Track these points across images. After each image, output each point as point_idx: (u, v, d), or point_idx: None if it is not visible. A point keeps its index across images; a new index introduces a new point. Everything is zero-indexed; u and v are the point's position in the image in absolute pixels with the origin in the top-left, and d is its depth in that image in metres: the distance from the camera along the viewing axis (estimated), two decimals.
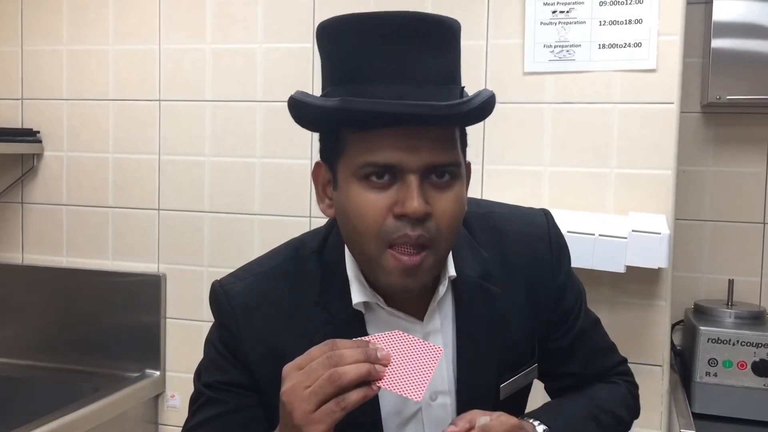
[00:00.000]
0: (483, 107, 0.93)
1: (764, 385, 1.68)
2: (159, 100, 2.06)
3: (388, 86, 0.89)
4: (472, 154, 1.81)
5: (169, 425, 2.08)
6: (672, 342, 1.79)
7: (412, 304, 1.02)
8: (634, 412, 1.19)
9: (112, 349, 2.09)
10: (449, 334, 1.04)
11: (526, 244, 1.09)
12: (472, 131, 1.05)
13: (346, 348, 0.84)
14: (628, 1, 1.72)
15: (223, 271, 2.00)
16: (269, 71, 1.97)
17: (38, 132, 2.16)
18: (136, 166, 2.09)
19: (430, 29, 0.90)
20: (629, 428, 1.17)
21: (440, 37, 0.91)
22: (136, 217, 2.09)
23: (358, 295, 1.00)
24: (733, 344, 1.71)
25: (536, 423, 1.04)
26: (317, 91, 0.94)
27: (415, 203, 0.88)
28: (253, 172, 2.00)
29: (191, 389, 1.10)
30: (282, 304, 1.03)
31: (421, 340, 0.89)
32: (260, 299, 1.03)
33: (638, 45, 1.71)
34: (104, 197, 2.12)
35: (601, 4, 1.73)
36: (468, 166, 1.01)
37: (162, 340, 2.06)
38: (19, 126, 2.17)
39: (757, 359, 1.69)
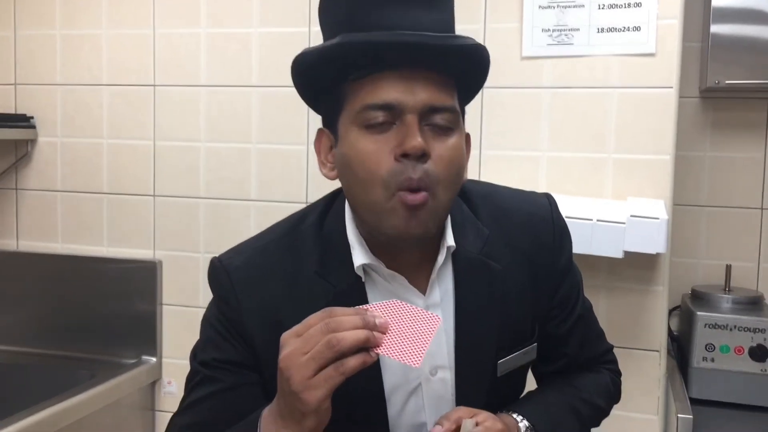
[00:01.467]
0: (473, 49, 0.96)
1: (761, 370, 1.68)
2: (153, 85, 2.05)
3: (386, 31, 0.92)
4: None
5: (165, 411, 2.08)
6: (669, 327, 1.79)
7: (413, 274, 1.02)
8: (614, 399, 1.22)
9: (108, 335, 2.08)
10: (449, 308, 1.04)
11: (528, 224, 1.10)
12: (470, 116, 1.05)
13: (344, 315, 0.84)
14: None
15: None
16: (264, 56, 1.96)
17: (32, 117, 2.14)
18: (130, 151, 2.07)
19: None
20: (607, 415, 1.20)
21: None
22: (131, 203, 2.08)
23: (360, 258, 1.00)
24: (731, 329, 1.71)
25: (519, 419, 1.05)
26: None
27: (414, 141, 0.90)
28: (248, 157, 1.99)
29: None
30: (281, 276, 1.03)
31: (419, 309, 0.89)
32: (259, 272, 1.03)
33: (637, 29, 1.70)
34: (99, 183, 2.10)
35: None
36: (467, 137, 1.03)
37: (158, 326, 2.06)
38: (13, 111, 2.15)
39: (755, 344, 1.69)
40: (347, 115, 0.95)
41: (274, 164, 1.97)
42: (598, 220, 1.60)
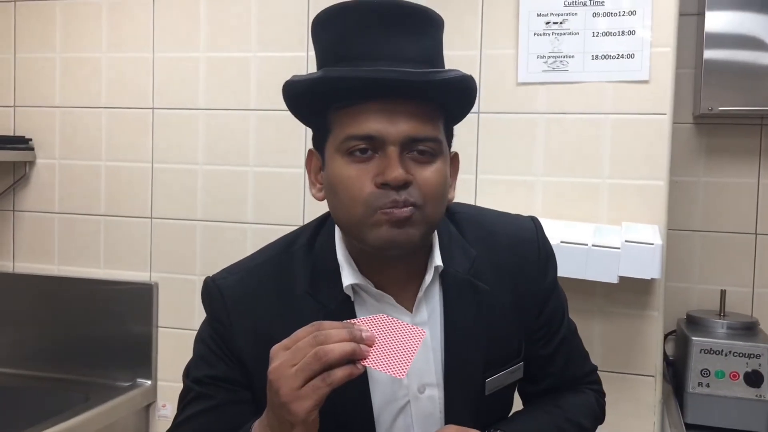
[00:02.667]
0: (457, 81, 0.97)
1: (756, 395, 1.68)
2: (152, 108, 2.06)
3: (368, 63, 0.94)
4: (465, 164, 1.81)
5: None
6: (664, 352, 1.79)
7: (401, 293, 1.04)
8: (599, 419, 1.22)
9: (103, 358, 2.07)
10: (437, 327, 1.06)
11: (514, 245, 1.12)
12: (466, 143, 1.06)
13: (332, 328, 0.86)
14: (621, 13, 1.72)
15: None
16: (262, 80, 1.97)
17: (30, 140, 2.15)
18: (128, 174, 2.08)
19: (408, 15, 0.97)
20: None
21: (418, 22, 0.98)
22: (128, 226, 2.09)
23: (348, 278, 1.02)
24: (726, 355, 1.71)
25: None
26: None
27: (395, 172, 0.93)
28: (246, 180, 1.99)
29: None
30: (273, 295, 1.05)
31: (404, 323, 0.91)
32: (251, 292, 1.06)
33: (631, 56, 1.72)
34: (96, 205, 2.11)
35: (595, 15, 1.74)
36: (455, 157, 1.07)
37: (153, 349, 2.05)
38: (11, 133, 2.16)
39: (750, 370, 1.69)
40: (332, 142, 0.98)
41: (271, 187, 1.97)
42: (593, 245, 1.60)
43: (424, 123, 0.96)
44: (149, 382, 2.05)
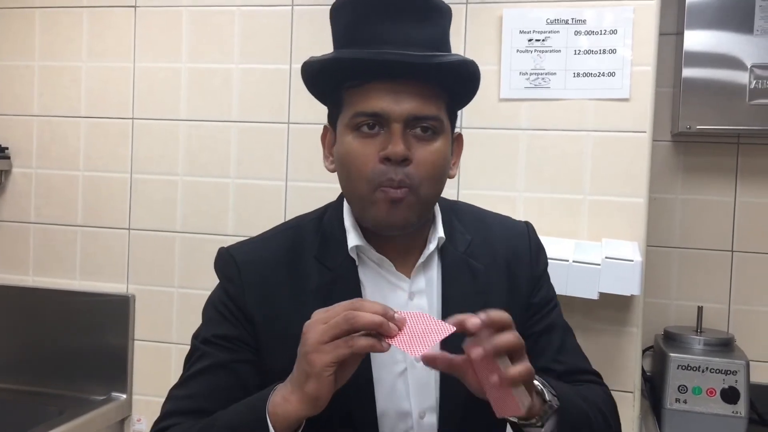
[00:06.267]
0: (456, 65, 1.04)
1: (733, 412, 1.70)
2: (132, 118, 2.04)
3: (375, 47, 1.03)
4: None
5: None
6: (642, 368, 1.80)
7: (401, 262, 1.11)
8: (616, 421, 1.16)
9: (78, 371, 2.04)
10: (434, 296, 1.12)
11: (507, 236, 1.20)
12: None
13: (369, 303, 0.92)
14: (603, 32, 1.74)
15: (194, 293, 1.99)
16: (245, 92, 1.97)
17: (7, 148, 2.12)
18: (106, 184, 2.06)
19: (413, 3, 1.05)
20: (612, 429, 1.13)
21: (423, 10, 1.06)
22: (105, 237, 2.06)
23: (353, 240, 1.10)
24: (703, 371, 1.73)
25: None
26: (293, 115, 0.98)
27: (396, 147, 1.01)
28: (226, 192, 1.98)
29: (158, 413, 1.09)
30: (283, 260, 1.12)
31: (436, 320, 0.94)
32: (262, 258, 1.13)
33: (612, 74, 1.74)
34: (73, 215, 2.08)
35: (576, 33, 1.76)
36: (459, 137, 1.16)
37: (129, 362, 2.02)
38: None
39: (726, 386, 1.71)
40: (343, 119, 1.07)
41: (252, 199, 1.96)
42: (573, 262, 1.61)
43: (427, 103, 1.04)
44: (124, 396, 2.02)
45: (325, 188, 1.23)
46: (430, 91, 1.05)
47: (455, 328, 0.92)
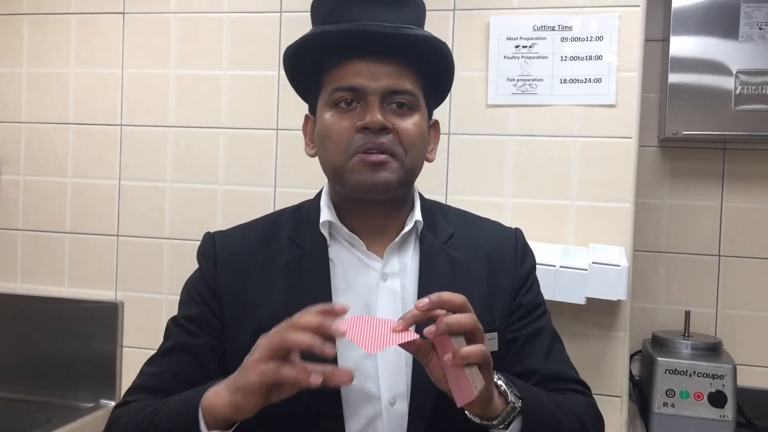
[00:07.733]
0: (431, 40, 1.10)
1: (720, 416, 1.71)
2: (120, 124, 2.04)
3: (354, 24, 1.07)
4: (435, 184, 1.82)
5: None
6: (630, 372, 1.80)
7: (376, 242, 1.13)
8: (596, 426, 1.14)
9: (66, 378, 2.03)
10: (408, 280, 1.12)
11: (492, 235, 1.22)
12: (436, 163, 1.08)
13: (308, 315, 0.90)
14: (589, 38, 1.76)
15: None
16: (233, 98, 1.97)
17: None
18: (95, 191, 2.05)
19: None
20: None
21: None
22: (93, 243, 2.05)
23: (325, 216, 1.13)
24: (690, 375, 1.74)
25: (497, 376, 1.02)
26: (282, 121, 1.00)
27: (373, 117, 1.05)
28: (215, 199, 1.98)
29: None
30: (259, 240, 1.16)
31: (389, 320, 0.93)
32: (241, 240, 1.17)
33: (598, 81, 1.75)
34: (61, 222, 2.08)
35: (563, 40, 1.77)
36: (435, 123, 1.20)
37: (118, 369, 2.01)
38: None
39: (714, 390, 1.72)
40: (323, 98, 1.11)
41: (240, 206, 1.96)
42: (561, 267, 1.62)
43: (402, 78, 1.09)
44: (113, 403, 2.01)
45: (314, 194, 1.23)
46: (406, 69, 1.09)
47: (417, 335, 0.91)
